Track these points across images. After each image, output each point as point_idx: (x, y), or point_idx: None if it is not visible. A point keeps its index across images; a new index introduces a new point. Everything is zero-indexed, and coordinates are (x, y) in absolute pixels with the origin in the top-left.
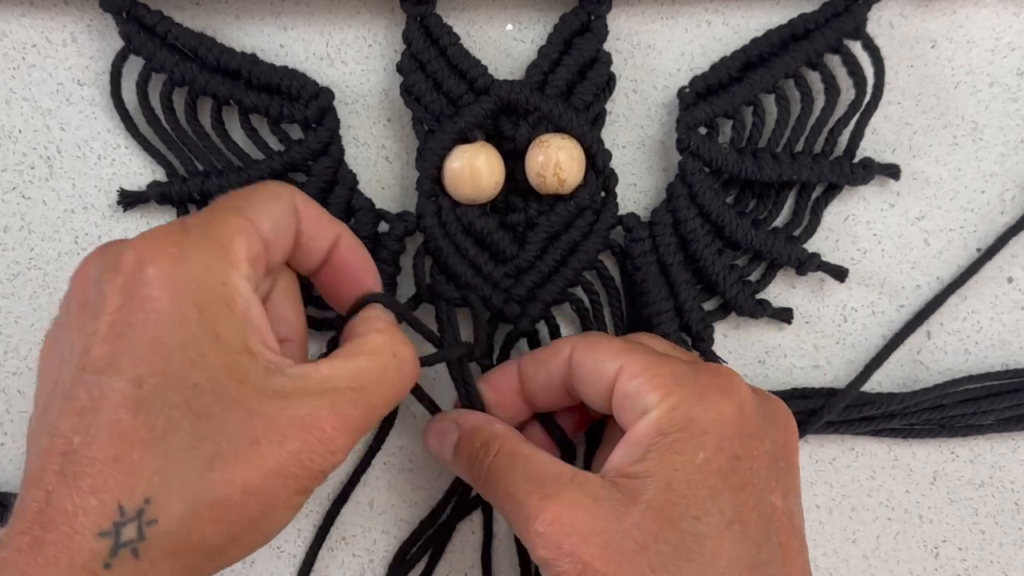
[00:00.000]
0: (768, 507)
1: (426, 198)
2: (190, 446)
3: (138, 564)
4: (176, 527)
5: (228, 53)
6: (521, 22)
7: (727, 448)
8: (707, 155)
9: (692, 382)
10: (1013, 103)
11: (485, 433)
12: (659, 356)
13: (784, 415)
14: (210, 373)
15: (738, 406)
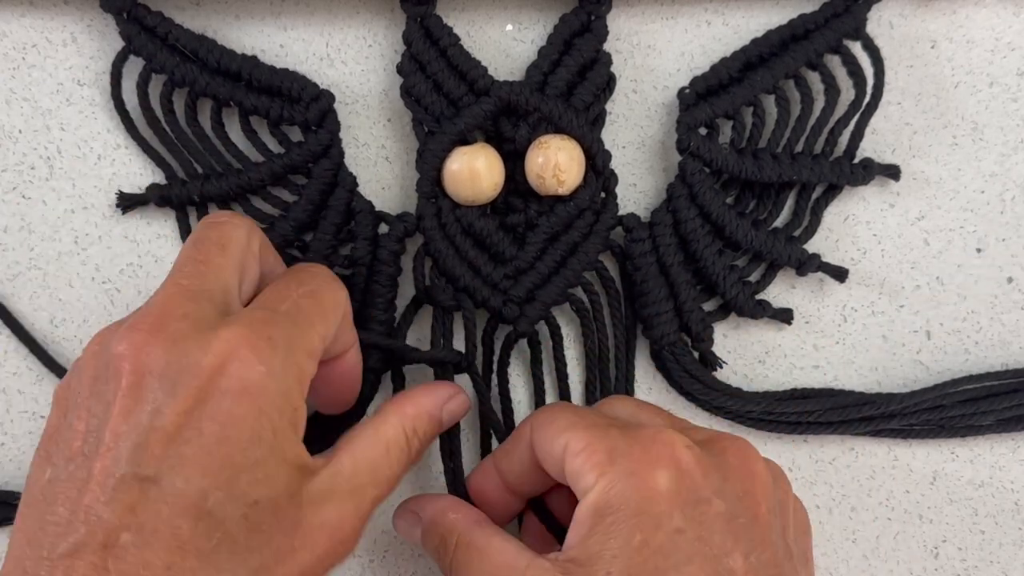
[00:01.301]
0: (725, 573)
1: (426, 199)
2: (241, 559)
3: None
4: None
5: (229, 55)
6: (521, 22)
7: (665, 524)
8: (707, 155)
9: (626, 459)
10: (1013, 103)
11: (442, 527)
12: (600, 431)
13: (741, 462)
14: (271, 492)
15: (674, 476)
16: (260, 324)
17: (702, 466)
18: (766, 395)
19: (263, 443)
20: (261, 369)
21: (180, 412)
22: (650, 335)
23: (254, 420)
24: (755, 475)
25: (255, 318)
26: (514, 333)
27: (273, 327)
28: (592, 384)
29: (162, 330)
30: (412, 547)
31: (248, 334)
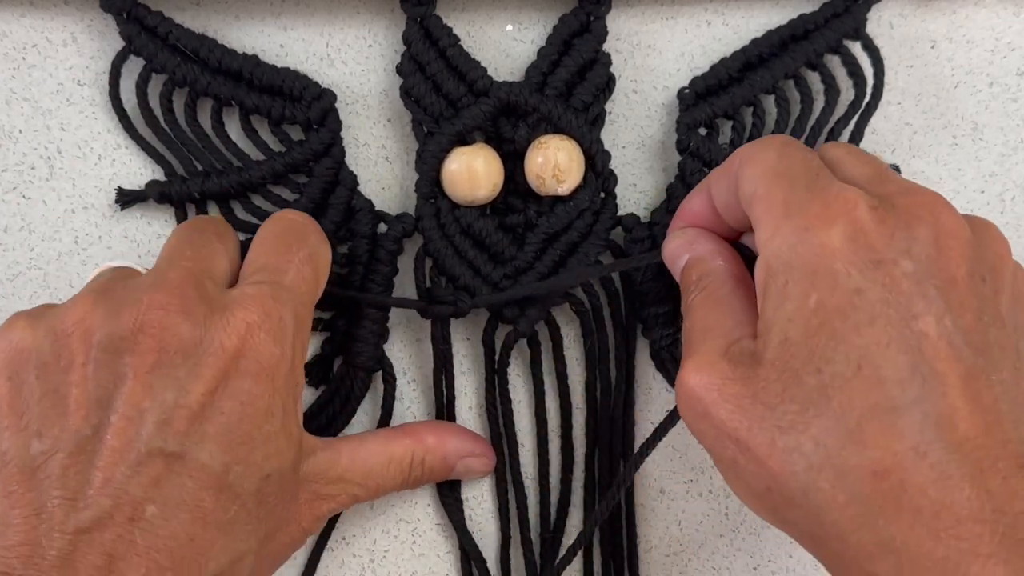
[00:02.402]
0: (913, 336)
1: (425, 200)
2: (253, 529)
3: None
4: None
5: (229, 54)
6: (521, 23)
7: (843, 283)
8: (707, 156)
9: (801, 213)
10: (1013, 103)
11: (702, 269)
12: (786, 181)
13: (934, 221)
14: (280, 465)
15: (850, 232)
16: (272, 304)
17: (886, 225)
18: None
19: (275, 419)
20: (276, 351)
21: (204, 391)
22: (650, 335)
23: (269, 398)
24: (952, 234)
25: (265, 296)
26: (514, 333)
27: (283, 306)
28: (592, 384)
29: (186, 310)
30: (412, 547)
31: (264, 317)
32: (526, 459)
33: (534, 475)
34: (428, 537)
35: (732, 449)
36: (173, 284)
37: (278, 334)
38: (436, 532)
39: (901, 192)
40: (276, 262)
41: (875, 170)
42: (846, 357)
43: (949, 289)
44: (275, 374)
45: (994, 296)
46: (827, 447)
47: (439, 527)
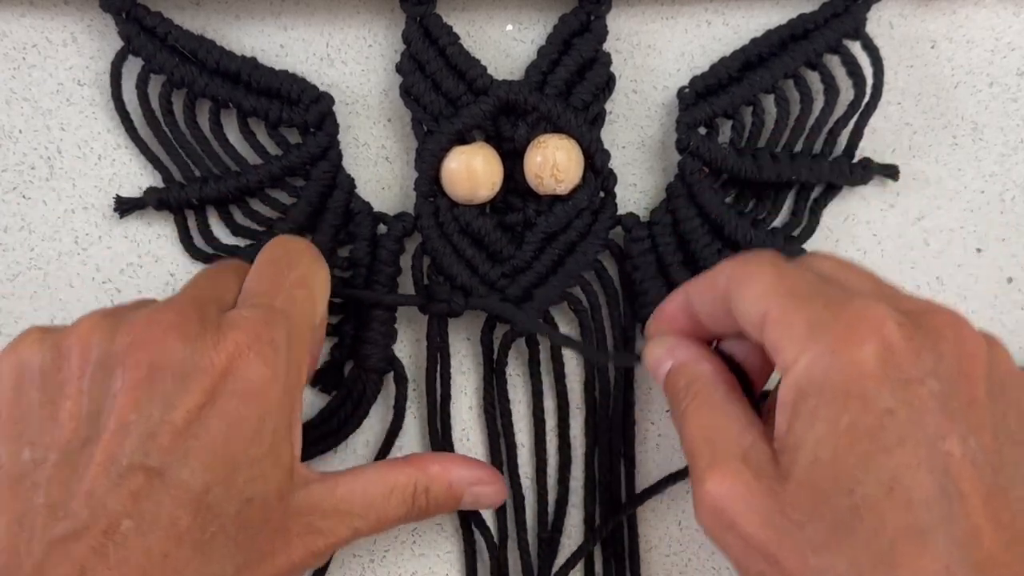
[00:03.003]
0: (940, 457)
1: (424, 199)
2: (228, 552)
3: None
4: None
5: (228, 56)
6: (521, 22)
7: (874, 404)
8: (707, 155)
9: (829, 334)
10: (1013, 103)
11: (689, 375)
12: (802, 300)
13: (955, 339)
14: (264, 490)
15: (880, 352)
16: (263, 326)
17: (913, 343)
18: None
19: (262, 443)
20: (266, 373)
21: (191, 408)
22: None
23: (257, 420)
24: (972, 355)
25: (256, 318)
26: (511, 333)
27: (274, 328)
28: (591, 384)
29: (179, 328)
30: (412, 547)
31: (254, 339)
32: (524, 459)
33: (532, 475)
34: (428, 537)
35: (761, 564)
36: (174, 306)
37: (268, 356)
38: (436, 532)
39: (920, 310)
40: (268, 287)
41: (875, 283)
42: (877, 479)
43: (970, 409)
44: (264, 396)
45: (1004, 413)
46: (860, 567)
47: (439, 527)
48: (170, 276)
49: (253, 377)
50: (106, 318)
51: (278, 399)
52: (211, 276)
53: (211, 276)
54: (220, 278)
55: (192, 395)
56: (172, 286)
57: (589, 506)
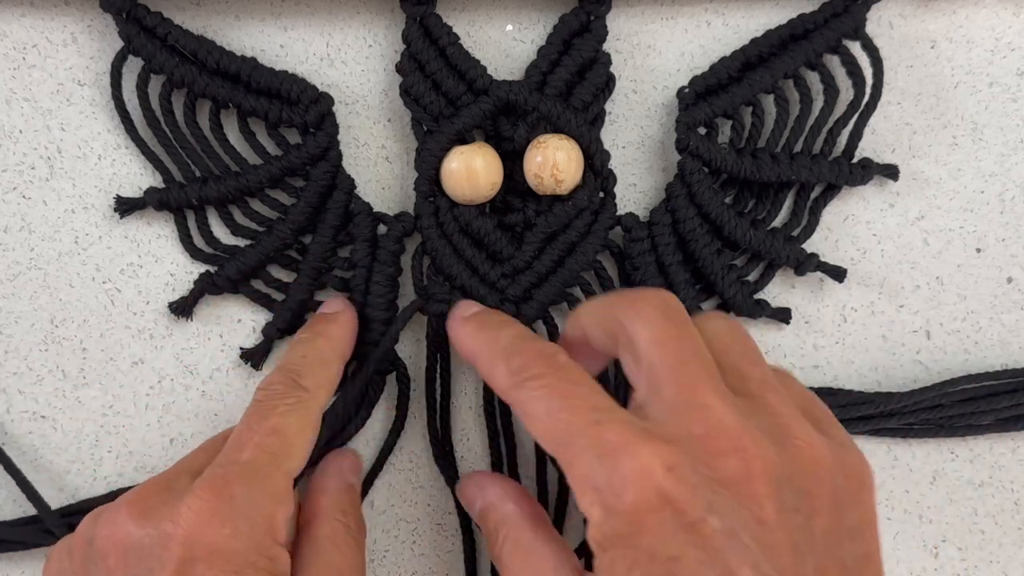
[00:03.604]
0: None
1: (424, 199)
2: None
3: None
4: None
5: (228, 56)
6: (521, 22)
7: (660, 554)
8: (706, 155)
9: (606, 490)
10: (1013, 103)
11: (496, 517)
12: (585, 453)
13: (738, 465)
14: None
15: (656, 502)
16: (221, 483)
17: (689, 485)
18: None
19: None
20: (225, 532)
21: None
22: None
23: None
24: (752, 475)
25: (216, 476)
26: None
27: (234, 484)
28: None
29: (135, 508)
30: (412, 547)
31: (209, 497)
32: (524, 459)
33: (532, 475)
34: (428, 537)
35: None
36: (136, 489)
37: (226, 514)
38: (436, 532)
39: (703, 435)
40: (236, 439)
41: (742, 364)
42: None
43: (760, 532)
44: (230, 555)
45: (807, 522)
46: None
47: (439, 527)
48: (170, 276)
49: (209, 539)
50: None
51: (246, 554)
52: (204, 445)
53: (204, 445)
54: (211, 444)
55: (161, 571)
56: (172, 286)
57: None
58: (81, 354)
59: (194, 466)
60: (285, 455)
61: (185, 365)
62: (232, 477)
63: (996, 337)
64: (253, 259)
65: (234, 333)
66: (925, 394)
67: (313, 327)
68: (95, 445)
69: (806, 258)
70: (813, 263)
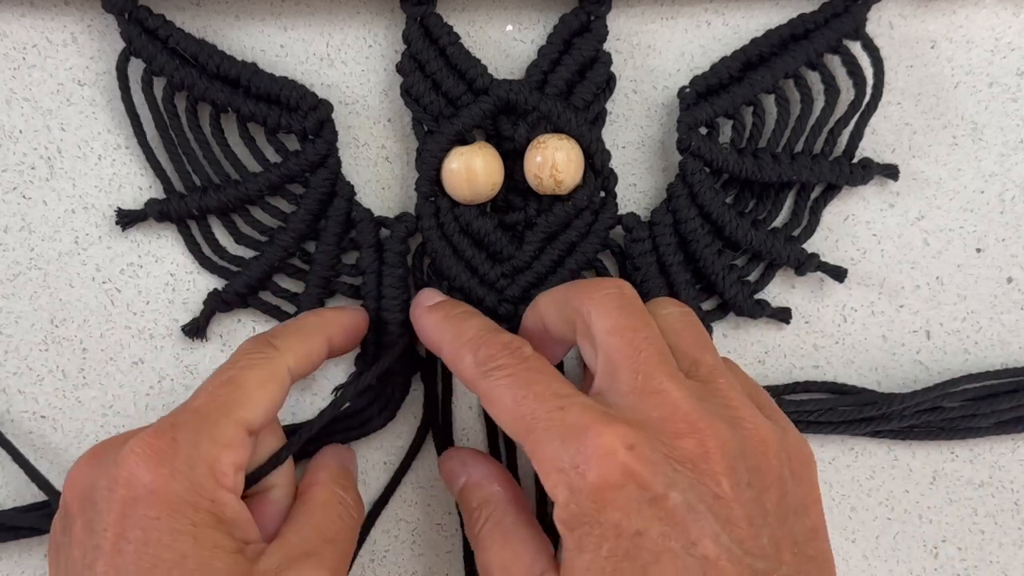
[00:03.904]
0: (696, 563)
1: (424, 199)
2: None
3: None
4: None
5: (228, 61)
6: (521, 23)
7: (625, 529)
8: (707, 155)
9: (571, 470)
10: (1013, 103)
11: (480, 496)
12: (552, 436)
13: (694, 444)
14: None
15: (619, 478)
16: (167, 427)
17: (650, 463)
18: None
19: (185, 537)
20: (163, 471)
21: (110, 527)
22: None
23: (168, 518)
24: (708, 453)
25: (163, 422)
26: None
27: (179, 428)
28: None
29: (92, 457)
30: (412, 547)
31: (152, 440)
32: (524, 459)
33: (532, 473)
34: (428, 537)
35: None
36: (102, 443)
37: (166, 454)
38: (436, 532)
39: (662, 417)
40: (196, 392)
41: (694, 350)
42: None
43: (717, 506)
44: (168, 494)
45: (759, 497)
46: None
47: (439, 527)
48: (170, 276)
49: (149, 479)
50: None
51: (186, 494)
52: None
53: None
54: None
55: (106, 514)
56: (172, 286)
57: None
58: (81, 354)
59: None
60: (237, 403)
61: (185, 365)
62: (178, 422)
63: (996, 337)
64: (259, 271)
65: (234, 333)
66: (926, 395)
67: (313, 310)
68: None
69: (807, 258)
70: (814, 263)
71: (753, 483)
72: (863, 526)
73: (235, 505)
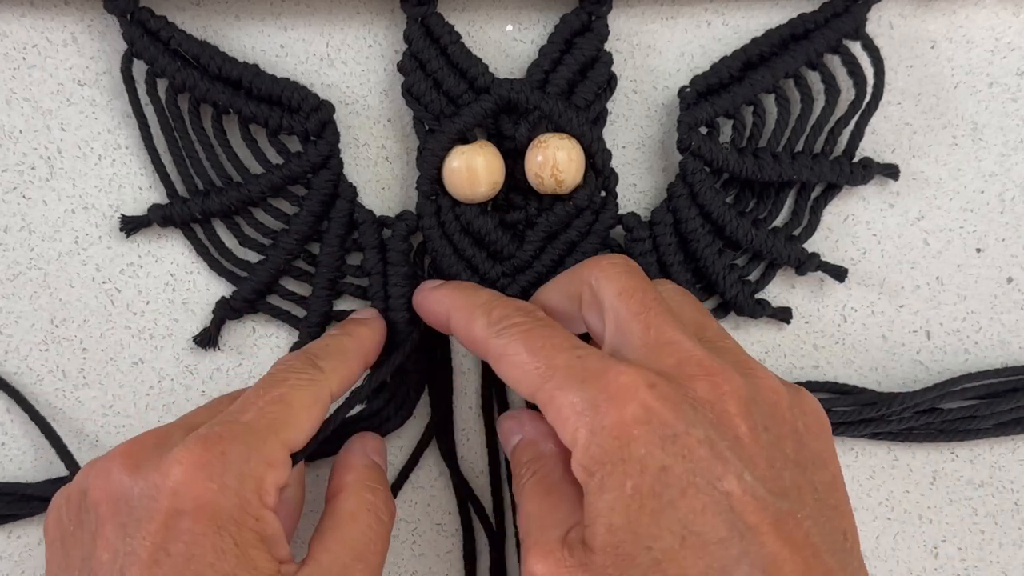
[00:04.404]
0: (721, 497)
1: (425, 198)
2: None
3: None
4: None
5: (230, 62)
6: (521, 23)
7: (650, 465)
8: (708, 155)
9: (594, 411)
10: (1013, 103)
11: (532, 452)
12: (573, 376)
13: (710, 387)
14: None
15: (642, 415)
16: (216, 439)
17: (670, 401)
18: None
19: (228, 556)
20: (212, 486)
21: (149, 535)
22: None
23: (214, 535)
24: (723, 396)
25: (212, 433)
26: None
27: (229, 441)
28: None
29: (128, 459)
30: (412, 547)
31: (201, 452)
32: None
33: None
34: (428, 537)
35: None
36: (130, 441)
37: (215, 468)
38: (436, 532)
39: (680, 361)
40: (242, 403)
41: (698, 317)
42: (670, 531)
43: (738, 446)
44: (216, 510)
45: (777, 441)
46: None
47: (439, 527)
48: (170, 276)
49: (197, 493)
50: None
51: (233, 511)
52: (209, 403)
53: (209, 403)
54: (217, 403)
55: (148, 523)
56: (172, 286)
57: None
58: (81, 354)
59: (194, 422)
60: (285, 424)
61: (185, 365)
62: (227, 435)
63: (996, 337)
64: (265, 276)
65: (234, 333)
66: (926, 394)
67: (343, 326)
68: (95, 445)
69: (807, 258)
70: (814, 263)
71: (770, 427)
72: (863, 526)
73: (275, 524)
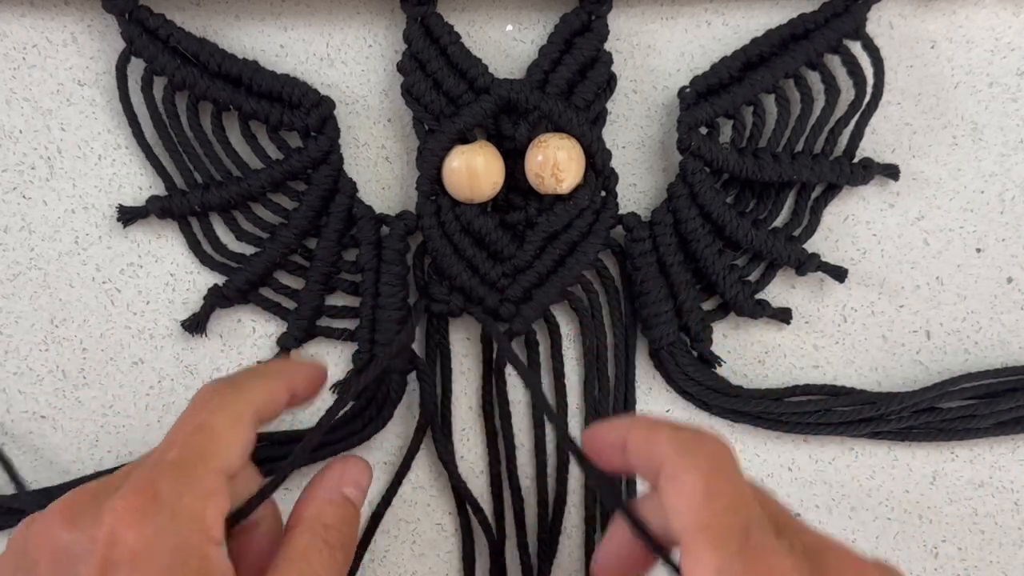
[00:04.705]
0: None
1: (425, 198)
2: None
3: None
4: None
5: (229, 59)
6: (521, 23)
7: None
8: (708, 155)
9: None
10: (1013, 103)
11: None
12: (719, 535)
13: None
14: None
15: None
16: (146, 483)
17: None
18: (765, 393)
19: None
20: (147, 532)
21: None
22: (649, 335)
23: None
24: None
25: (141, 478)
26: (510, 332)
27: (159, 482)
28: (590, 384)
29: (66, 513)
30: (412, 547)
31: (133, 498)
32: (524, 459)
33: (532, 475)
34: (428, 537)
35: None
36: (71, 496)
37: (147, 513)
38: (436, 532)
39: (815, 546)
40: (166, 442)
41: (777, 513)
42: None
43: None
44: (152, 556)
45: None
46: None
47: (438, 527)
48: (170, 276)
49: (131, 540)
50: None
51: (175, 553)
52: (145, 455)
53: (145, 455)
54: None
55: (85, 573)
56: (172, 286)
57: (589, 506)
58: (81, 354)
59: (131, 472)
60: (212, 451)
61: (185, 365)
62: (157, 476)
63: (996, 337)
64: (260, 267)
65: (234, 333)
66: (925, 394)
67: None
68: (95, 445)
69: (807, 258)
70: (814, 263)
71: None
72: (863, 526)
73: (222, 562)
